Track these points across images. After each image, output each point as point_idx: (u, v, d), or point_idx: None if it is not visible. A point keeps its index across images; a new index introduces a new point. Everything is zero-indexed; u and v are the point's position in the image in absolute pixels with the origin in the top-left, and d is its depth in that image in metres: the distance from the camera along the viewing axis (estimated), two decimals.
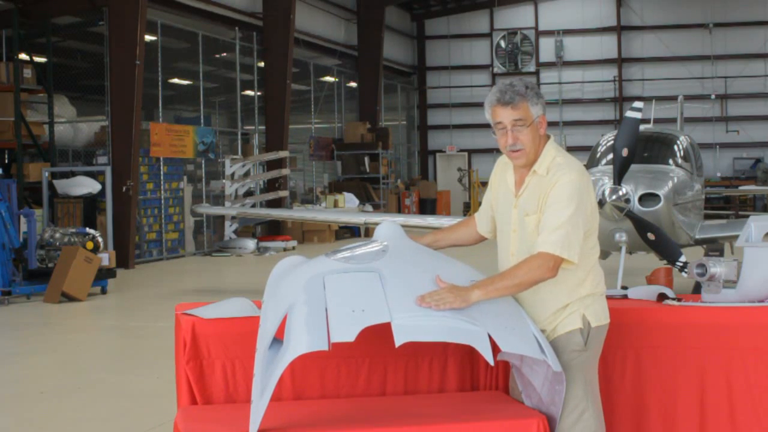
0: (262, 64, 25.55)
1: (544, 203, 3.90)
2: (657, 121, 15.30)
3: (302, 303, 3.66)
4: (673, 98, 18.13)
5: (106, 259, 14.49)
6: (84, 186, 18.47)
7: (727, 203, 33.48)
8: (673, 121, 16.38)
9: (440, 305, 3.62)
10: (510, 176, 4.11)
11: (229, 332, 4.26)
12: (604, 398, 4.12)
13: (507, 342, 3.68)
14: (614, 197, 8.97)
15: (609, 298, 4.29)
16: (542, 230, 3.84)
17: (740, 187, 30.46)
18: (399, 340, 3.54)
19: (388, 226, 4.17)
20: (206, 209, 20.34)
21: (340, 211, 24.38)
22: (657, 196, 9.96)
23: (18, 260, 13.78)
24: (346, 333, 3.55)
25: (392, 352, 4.40)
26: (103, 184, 18.52)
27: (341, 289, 3.71)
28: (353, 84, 33.06)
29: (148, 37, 19.89)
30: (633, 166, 9.13)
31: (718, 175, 34.93)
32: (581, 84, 36.89)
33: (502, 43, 37.44)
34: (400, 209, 31.35)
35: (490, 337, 3.66)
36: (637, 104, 8.84)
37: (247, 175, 23.77)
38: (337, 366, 4.35)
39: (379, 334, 4.37)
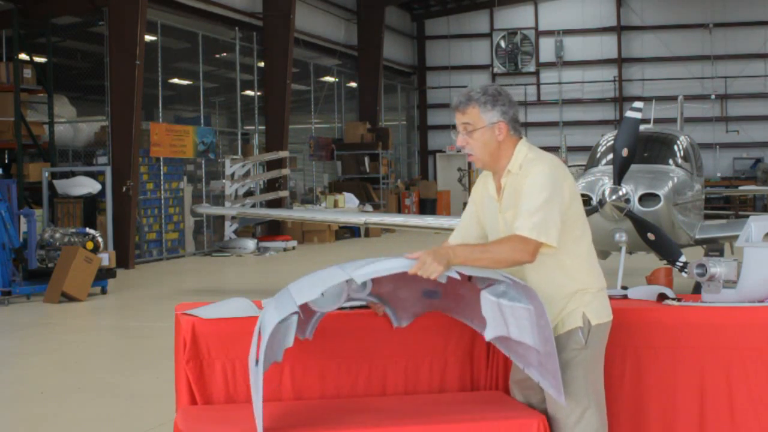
0: (262, 64, 25.55)
1: (520, 196, 3.93)
2: (657, 121, 15.30)
3: (272, 308, 3.74)
4: (673, 98, 18.13)
5: (106, 259, 14.49)
6: (84, 186, 18.46)
7: (727, 203, 33.48)
8: (673, 121, 16.38)
9: (432, 275, 3.69)
10: (491, 185, 4.15)
11: (229, 332, 4.26)
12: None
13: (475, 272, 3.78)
14: (614, 197, 8.96)
15: (609, 298, 4.29)
16: (519, 216, 3.87)
17: (740, 187, 30.46)
18: (360, 279, 3.68)
19: None
20: (206, 209, 20.34)
21: (340, 211, 24.39)
22: (657, 196, 9.95)
23: (18, 260, 13.77)
24: (308, 295, 3.67)
25: (392, 352, 4.41)
26: (103, 184, 18.51)
27: (304, 281, 3.84)
28: (353, 84, 33.06)
29: (148, 37, 19.88)
30: (633, 166, 9.12)
31: (718, 175, 34.93)
32: (581, 84, 36.90)
33: (502, 43, 37.44)
34: (400, 209, 31.36)
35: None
36: (637, 104, 8.84)
37: (247, 175, 23.77)
38: (337, 366, 4.35)
39: (379, 335, 4.38)
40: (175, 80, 24.84)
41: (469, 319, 4.17)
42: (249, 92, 25.97)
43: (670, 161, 11.23)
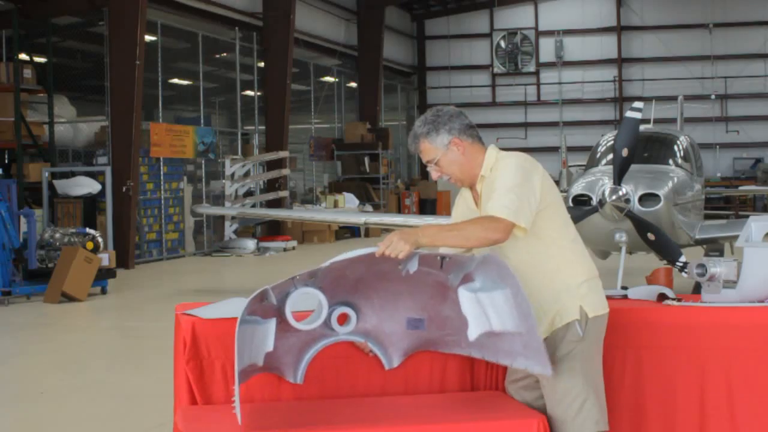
0: (262, 64, 25.55)
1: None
2: (657, 121, 15.30)
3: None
4: (673, 98, 18.13)
5: (106, 259, 14.48)
6: (84, 186, 18.46)
7: (727, 203, 33.48)
8: (673, 121, 16.38)
9: (399, 254, 3.69)
10: (469, 198, 4.20)
11: (229, 332, 4.23)
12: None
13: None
14: (614, 197, 8.94)
15: (609, 298, 4.29)
16: (492, 198, 3.90)
17: (740, 187, 30.45)
18: (327, 264, 3.79)
19: None
20: (206, 209, 20.33)
21: (340, 211, 24.38)
22: (657, 196, 9.95)
23: (18, 260, 13.77)
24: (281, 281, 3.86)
25: None
26: (103, 184, 18.51)
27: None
28: (353, 84, 33.06)
29: (148, 37, 19.88)
30: (633, 166, 9.10)
31: (718, 175, 34.93)
32: (581, 84, 36.89)
33: (502, 43, 37.44)
34: (400, 209, 31.34)
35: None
36: (637, 104, 8.82)
37: (247, 175, 23.77)
38: (337, 366, 4.34)
39: None
40: (175, 80, 24.83)
41: (459, 346, 4.18)
42: (249, 92, 25.97)
43: (670, 161, 11.23)
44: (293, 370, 4.18)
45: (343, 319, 4.15)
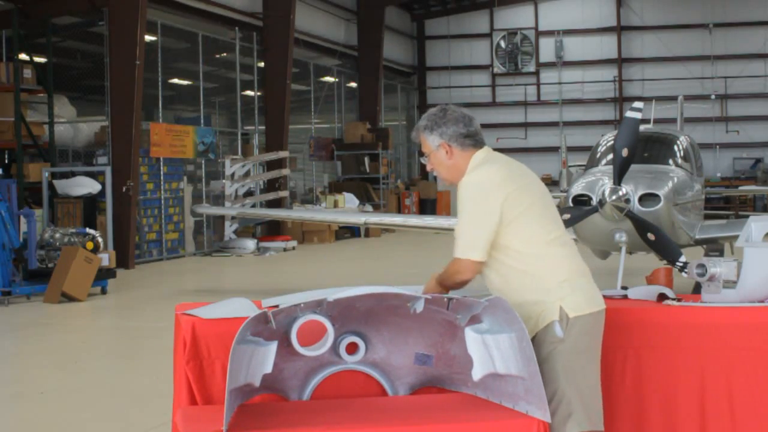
0: (262, 64, 25.55)
1: None
2: (657, 121, 15.31)
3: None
4: (673, 98, 18.13)
5: (106, 259, 14.48)
6: (84, 186, 18.46)
7: (727, 203, 33.48)
8: (673, 121, 16.38)
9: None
10: None
11: (229, 332, 4.24)
12: (604, 398, 4.10)
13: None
14: (614, 197, 8.95)
15: (609, 298, 4.28)
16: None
17: (740, 187, 30.46)
18: (332, 297, 3.86)
19: None
20: (206, 209, 20.33)
21: (340, 211, 24.38)
22: (657, 196, 9.95)
23: (18, 260, 13.77)
24: (282, 301, 3.98)
25: None
26: (103, 184, 18.51)
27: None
28: (353, 84, 33.06)
29: (148, 37, 19.88)
30: (633, 166, 9.12)
31: (718, 175, 34.94)
32: (581, 84, 36.89)
33: (502, 44, 37.44)
34: (400, 209, 31.34)
35: None
36: (637, 104, 8.83)
37: (247, 175, 23.77)
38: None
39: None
40: (175, 80, 24.83)
41: (465, 385, 4.19)
42: (249, 92, 25.97)
43: (670, 161, 11.23)
44: (298, 392, 4.21)
45: (353, 349, 4.17)
